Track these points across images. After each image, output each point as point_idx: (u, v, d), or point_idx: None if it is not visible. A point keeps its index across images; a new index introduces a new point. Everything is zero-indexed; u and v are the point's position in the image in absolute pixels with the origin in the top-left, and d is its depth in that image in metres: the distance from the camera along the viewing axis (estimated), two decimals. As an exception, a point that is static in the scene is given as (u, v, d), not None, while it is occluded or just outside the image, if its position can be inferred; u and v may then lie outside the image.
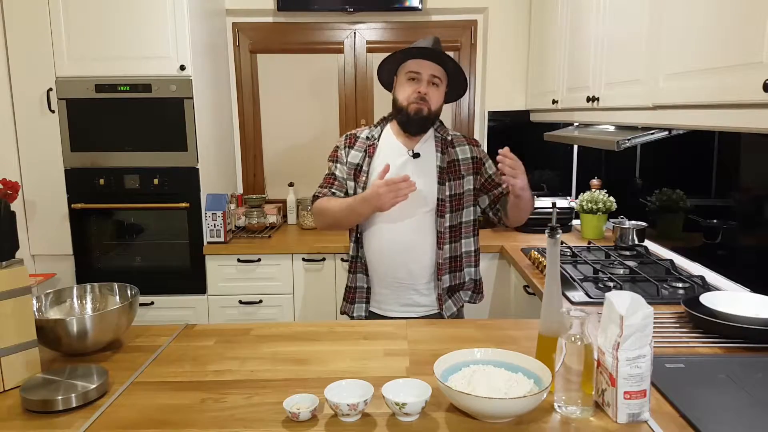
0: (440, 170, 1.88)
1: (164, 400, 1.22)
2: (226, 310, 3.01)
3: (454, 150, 1.93)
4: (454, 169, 1.90)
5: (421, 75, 1.83)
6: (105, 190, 2.90)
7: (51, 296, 1.55)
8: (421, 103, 1.83)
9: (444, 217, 1.87)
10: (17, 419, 1.15)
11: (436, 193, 1.86)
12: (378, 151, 1.92)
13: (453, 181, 1.89)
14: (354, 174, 1.92)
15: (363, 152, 1.93)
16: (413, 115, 1.84)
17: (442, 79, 1.86)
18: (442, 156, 1.90)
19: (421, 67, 1.83)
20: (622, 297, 1.10)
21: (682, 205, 2.34)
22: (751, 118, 1.26)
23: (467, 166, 1.93)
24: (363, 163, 1.91)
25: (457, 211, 1.91)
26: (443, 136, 1.93)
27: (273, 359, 1.41)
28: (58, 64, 2.81)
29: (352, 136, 1.98)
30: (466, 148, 1.95)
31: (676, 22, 1.58)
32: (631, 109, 1.91)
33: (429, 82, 1.83)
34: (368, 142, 1.94)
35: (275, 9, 3.31)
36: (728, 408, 1.13)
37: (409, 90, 1.84)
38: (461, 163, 1.92)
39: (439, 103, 1.88)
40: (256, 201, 3.31)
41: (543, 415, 1.12)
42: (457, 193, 1.90)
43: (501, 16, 3.30)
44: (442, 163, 1.89)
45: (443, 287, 1.91)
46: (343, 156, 1.96)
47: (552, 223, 1.25)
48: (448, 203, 1.87)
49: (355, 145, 1.95)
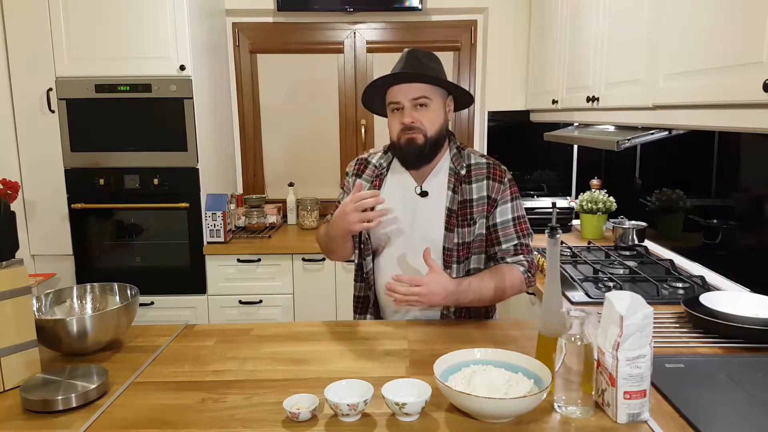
0: (449, 213, 1.62)
1: (164, 400, 1.22)
2: (226, 310, 3.01)
3: (469, 187, 1.63)
4: (465, 212, 1.63)
5: (400, 103, 1.58)
6: (105, 190, 2.90)
7: (51, 296, 1.55)
8: (411, 133, 1.58)
9: (450, 268, 1.62)
10: (17, 419, 1.15)
11: (442, 241, 1.62)
12: (384, 184, 1.70)
13: (462, 228, 1.62)
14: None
15: (369, 184, 1.71)
16: (406, 148, 1.60)
17: (431, 95, 1.59)
18: (453, 195, 1.63)
19: (398, 95, 1.58)
20: (622, 297, 1.10)
21: (682, 205, 2.34)
22: (751, 118, 1.26)
23: (481, 207, 1.63)
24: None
25: (466, 260, 1.64)
26: (457, 170, 1.65)
27: (273, 359, 1.41)
28: (58, 64, 2.81)
29: (362, 162, 1.77)
30: (483, 185, 1.63)
31: (676, 21, 1.58)
32: (631, 109, 1.90)
33: (414, 106, 1.58)
34: (376, 171, 1.72)
35: (275, 9, 3.30)
36: (728, 408, 1.13)
37: (394, 123, 1.62)
38: (475, 204, 1.63)
39: (436, 124, 1.60)
40: (256, 201, 3.31)
41: (543, 415, 1.12)
42: (466, 242, 1.63)
43: (501, 16, 3.30)
44: (452, 204, 1.62)
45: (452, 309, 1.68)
46: (350, 185, 1.76)
47: (552, 223, 1.25)
48: (455, 252, 1.62)
49: (364, 173, 1.74)
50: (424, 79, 1.58)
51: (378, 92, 1.66)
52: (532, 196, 3.27)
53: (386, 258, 1.68)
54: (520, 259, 1.63)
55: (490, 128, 3.41)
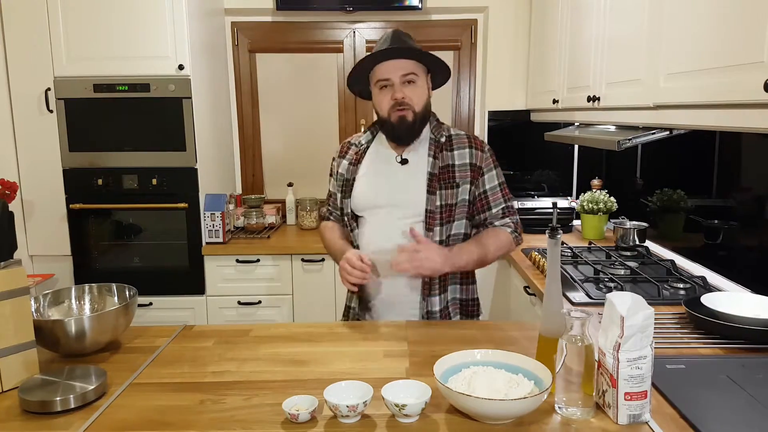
0: (430, 177, 1.67)
1: (163, 401, 1.22)
2: (225, 310, 3.00)
3: (450, 153, 1.70)
4: (448, 176, 1.68)
5: (390, 80, 1.63)
6: (103, 191, 2.90)
7: (49, 297, 1.54)
8: (402, 109, 1.63)
9: (433, 230, 1.66)
10: (15, 420, 1.14)
11: (425, 203, 1.66)
12: (364, 158, 1.76)
13: (444, 190, 1.66)
14: (343, 185, 1.76)
15: (350, 161, 1.77)
16: (398, 125, 1.65)
17: (418, 71, 1.65)
18: (434, 161, 1.68)
19: (388, 72, 1.63)
20: (623, 298, 1.09)
21: (683, 205, 2.33)
22: (752, 118, 1.26)
23: (464, 173, 1.69)
24: (349, 174, 1.75)
25: (448, 223, 1.68)
26: (437, 138, 1.71)
27: (272, 360, 1.41)
28: (56, 64, 2.81)
29: (345, 145, 1.83)
30: (466, 152, 1.70)
31: (677, 21, 1.57)
32: (632, 108, 1.90)
33: (403, 83, 1.63)
34: (356, 149, 1.78)
35: (274, 8, 3.30)
36: (729, 409, 1.13)
37: (383, 99, 1.65)
38: (457, 169, 1.69)
39: (423, 98, 1.67)
40: (255, 201, 3.31)
41: (543, 417, 1.12)
42: (448, 204, 1.67)
43: (501, 16, 3.30)
44: (433, 168, 1.67)
45: (429, 309, 1.70)
46: (335, 168, 1.83)
47: (552, 224, 1.25)
48: (438, 215, 1.66)
49: (347, 154, 1.79)
50: (414, 54, 1.64)
51: (360, 72, 1.71)
52: (533, 196, 3.26)
53: (370, 225, 1.73)
54: (507, 222, 1.73)
55: (490, 128, 3.40)
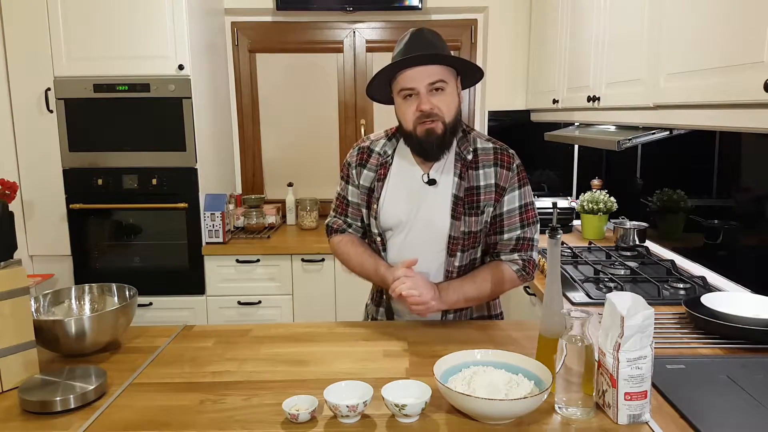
0: (455, 200, 1.54)
1: (163, 401, 1.22)
2: (225, 310, 3.00)
3: (476, 173, 1.55)
4: (472, 199, 1.55)
5: (416, 89, 1.46)
6: (103, 191, 2.90)
7: (49, 297, 1.54)
8: (429, 122, 1.46)
9: (455, 256, 1.57)
10: (15, 420, 1.14)
11: (448, 230, 1.55)
12: (390, 174, 1.60)
13: (468, 217, 1.55)
14: (367, 199, 1.63)
15: (374, 173, 1.61)
16: (426, 140, 1.48)
17: (447, 78, 1.47)
18: (460, 182, 1.55)
19: (413, 80, 1.45)
20: (623, 298, 1.09)
21: (683, 205, 2.33)
22: (751, 118, 1.26)
23: (489, 195, 1.55)
24: (374, 187, 1.61)
25: (472, 248, 1.59)
26: (464, 156, 1.56)
27: (272, 360, 1.41)
28: (56, 64, 2.81)
29: (364, 151, 1.64)
30: (491, 171, 1.55)
31: (677, 21, 1.57)
32: (632, 108, 1.90)
33: (429, 92, 1.46)
34: (381, 159, 1.61)
35: (274, 8, 3.30)
36: (729, 409, 1.12)
37: (408, 110, 1.49)
38: (482, 191, 1.55)
39: (453, 107, 1.49)
40: (255, 201, 3.31)
41: (543, 417, 1.12)
42: (472, 231, 1.56)
43: (501, 16, 3.30)
44: (458, 191, 1.54)
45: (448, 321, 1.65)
46: (354, 177, 1.65)
47: (552, 224, 1.24)
48: (461, 241, 1.56)
49: (368, 163, 1.63)
50: (441, 60, 1.46)
51: (382, 80, 1.54)
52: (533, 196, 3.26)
53: (391, 247, 1.63)
54: (515, 258, 1.58)
55: (490, 128, 3.40)
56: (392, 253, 1.63)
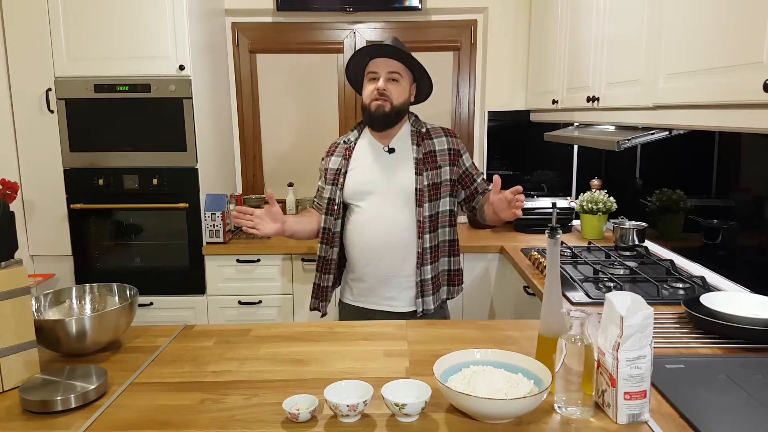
0: (417, 161, 1.92)
1: (163, 400, 1.22)
2: (226, 310, 3.00)
3: (430, 141, 1.97)
4: (431, 159, 1.94)
5: (378, 73, 1.90)
6: (104, 191, 2.90)
7: (50, 297, 1.55)
8: (381, 99, 1.88)
9: (423, 207, 1.90)
10: (16, 420, 1.15)
11: (414, 184, 1.90)
12: (355, 152, 1.99)
13: (430, 171, 1.92)
14: (334, 178, 1.98)
15: (340, 157, 1.99)
16: (374, 112, 1.90)
17: (403, 74, 1.92)
18: (418, 148, 1.95)
19: (378, 66, 1.91)
20: (623, 297, 1.09)
21: (682, 205, 2.34)
22: (751, 118, 1.26)
23: (444, 156, 1.96)
24: (341, 166, 1.98)
25: (435, 200, 1.94)
26: (418, 129, 1.98)
27: (272, 360, 1.41)
28: (57, 64, 2.81)
29: (333, 145, 2.07)
30: (443, 140, 1.98)
31: (677, 21, 1.57)
32: (632, 109, 1.90)
33: (387, 79, 1.89)
34: (346, 146, 2.01)
35: (274, 9, 3.30)
36: (728, 408, 1.13)
37: (369, 89, 1.92)
38: (438, 153, 1.96)
39: (402, 97, 1.92)
40: (256, 201, 3.31)
41: (543, 416, 1.12)
42: (435, 183, 1.93)
43: (501, 16, 3.30)
44: (418, 154, 1.94)
45: (423, 278, 1.92)
46: (323, 166, 2.06)
47: (552, 224, 1.25)
48: (426, 193, 1.90)
49: (335, 152, 2.03)
50: (401, 54, 1.90)
51: (359, 68, 1.98)
52: (532, 196, 3.26)
53: (363, 211, 1.94)
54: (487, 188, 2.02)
55: (490, 128, 3.40)
56: (364, 217, 1.94)
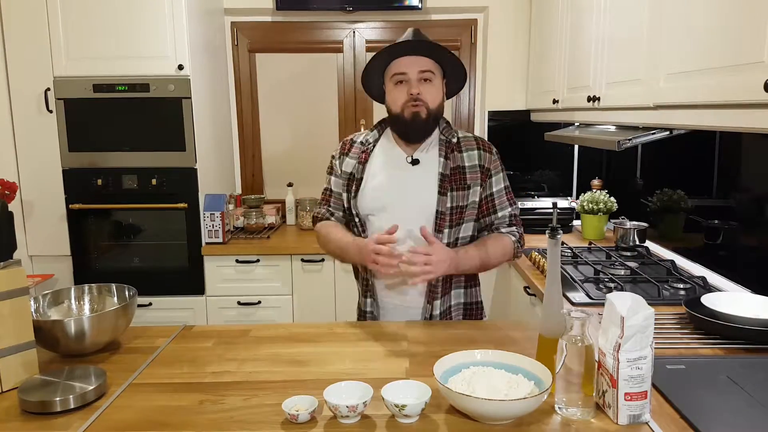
0: (442, 178, 1.64)
1: (162, 401, 1.22)
2: (225, 311, 3.00)
3: (460, 155, 1.67)
4: (459, 177, 1.65)
5: (407, 75, 1.60)
6: (103, 191, 2.90)
7: (49, 297, 1.54)
8: (416, 106, 1.59)
9: (442, 233, 1.63)
10: (15, 420, 1.14)
11: (435, 205, 1.63)
12: (372, 157, 1.71)
13: (456, 192, 1.64)
14: (347, 184, 1.72)
15: (356, 160, 1.72)
16: (411, 121, 1.61)
17: (435, 71, 1.62)
18: (446, 161, 1.65)
19: (406, 66, 1.60)
20: (623, 298, 1.09)
21: (683, 205, 2.33)
22: (752, 118, 1.26)
23: (474, 175, 1.66)
24: (355, 171, 1.71)
25: (457, 225, 1.66)
26: (448, 139, 1.68)
27: (272, 360, 1.41)
28: (56, 64, 2.80)
29: (347, 143, 1.77)
30: (475, 154, 1.68)
31: (677, 21, 1.57)
32: (632, 108, 1.90)
33: (419, 80, 1.60)
34: (363, 147, 1.73)
35: (274, 8, 3.30)
36: (729, 409, 1.12)
37: (398, 95, 1.62)
38: (467, 170, 1.66)
39: (438, 99, 1.64)
40: (255, 201, 3.31)
41: (543, 417, 1.12)
42: (459, 206, 1.65)
43: (501, 15, 3.30)
44: (445, 169, 1.64)
45: (432, 314, 1.68)
46: (337, 166, 1.75)
47: (552, 224, 1.24)
48: (448, 217, 1.63)
49: (350, 152, 1.74)
50: (434, 49, 1.60)
51: (376, 71, 1.68)
52: (533, 196, 3.26)
53: (373, 227, 1.68)
54: (513, 230, 1.70)
55: (490, 128, 3.40)
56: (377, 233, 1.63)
